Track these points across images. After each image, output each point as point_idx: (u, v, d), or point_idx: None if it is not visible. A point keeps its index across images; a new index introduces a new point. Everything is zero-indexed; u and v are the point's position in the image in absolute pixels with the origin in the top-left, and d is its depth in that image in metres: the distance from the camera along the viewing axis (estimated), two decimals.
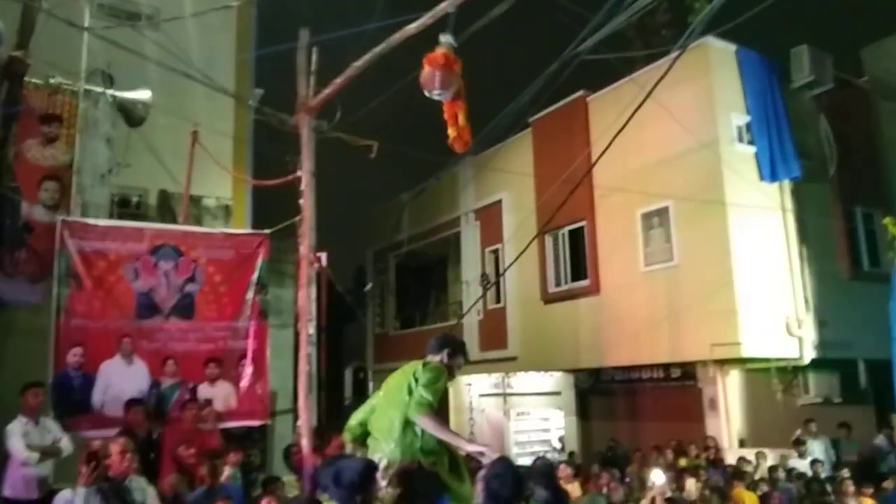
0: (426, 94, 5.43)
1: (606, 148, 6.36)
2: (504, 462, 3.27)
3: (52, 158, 7.99)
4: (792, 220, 11.01)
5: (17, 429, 6.01)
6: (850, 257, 11.77)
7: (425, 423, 3.74)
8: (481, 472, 3.19)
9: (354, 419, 4.10)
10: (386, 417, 3.85)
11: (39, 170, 7.87)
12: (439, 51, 5.35)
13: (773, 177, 10.65)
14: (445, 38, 5.41)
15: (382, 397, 4.03)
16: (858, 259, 11.89)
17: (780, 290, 10.73)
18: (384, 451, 3.74)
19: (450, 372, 4.06)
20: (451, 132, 5.62)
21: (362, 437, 4.01)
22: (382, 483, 3.55)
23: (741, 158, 10.70)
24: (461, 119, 5.59)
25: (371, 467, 3.35)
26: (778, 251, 10.88)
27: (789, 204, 11.06)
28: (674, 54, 6.24)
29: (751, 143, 10.90)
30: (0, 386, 6.90)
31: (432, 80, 5.35)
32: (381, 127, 9.71)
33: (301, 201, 6.77)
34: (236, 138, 11.14)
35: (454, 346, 4.17)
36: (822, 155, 11.69)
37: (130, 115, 8.58)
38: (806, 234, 11.12)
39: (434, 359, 4.05)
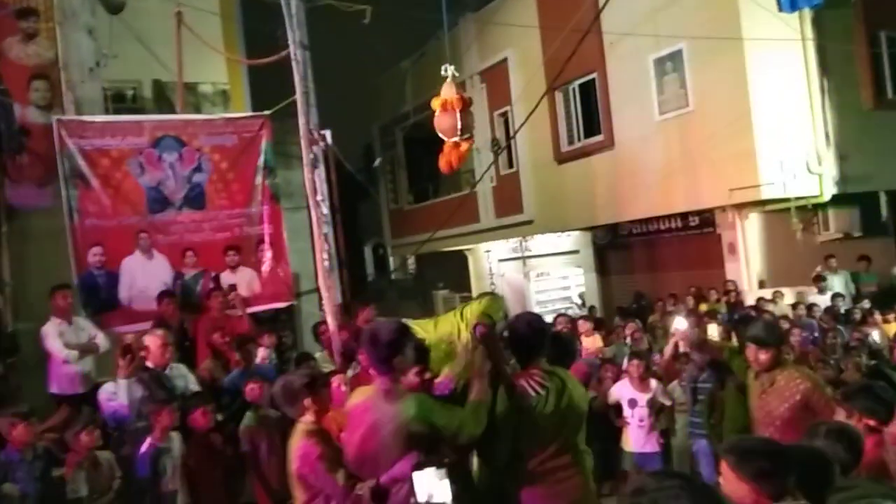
0: (444, 139, 5.13)
1: None
2: (521, 314, 3.63)
3: (36, 56, 7.67)
4: (812, 51, 10.44)
5: (52, 330, 6.16)
6: (874, 86, 11.25)
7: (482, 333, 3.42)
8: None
9: None
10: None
11: (25, 69, 7.57)
12: (451, 92, 4.96)
13: (793, 6, 9.98)
14: (450, 70, 5.04)
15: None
16: (882, 87, 11.38)
17: (799, 126, 10.38)
18: None
19: None
20: (444, 158, 5.34)
21: None
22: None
23: None
24: (464, 150, 5.30)
25: (405, 327, 3.28)
26: (798, 86, 10.42)
27: (810, 33, 10.45)
28: None
29: None
30: (27, 291, 7.05)
31: (454, 127, 5.00)
32: None
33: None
34: (223, 16, 10.60)
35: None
36: None
37: (108, 1, 8.12)
38: (827, 64, 10.58)
39: None
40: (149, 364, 5.23)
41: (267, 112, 8.16)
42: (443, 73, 5.21)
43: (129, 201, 7.34)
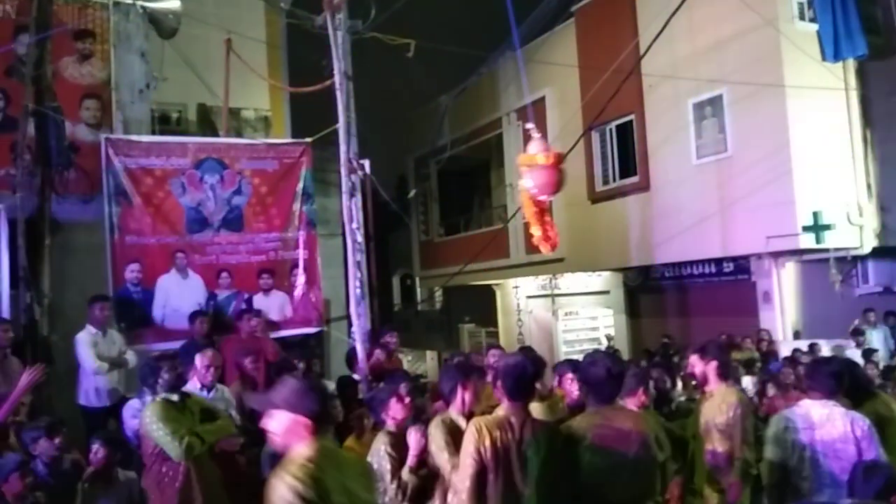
0: (540, 198, 5.11)
1: (659, 34, 5.98)
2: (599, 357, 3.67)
3: (89, 76, 7.93)
4: (856, 101, 10.35)
5: (86, 338, 6.25)
6: None
7: None
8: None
9: None
10: None
11: (79, 88, 7.83)
12: (547, 149, 5.00)
13: (837, 56, 9.94)
14: (533, 127, 5.10)
15: None
16: None
17: (840, 177, 10.24)
18: None
19: None
20: (536, 231, 5.27)
21: None
22: None
23: (802, 36, 9.99)
24: (547, 215, 5.29)
25: (541, 360, 3.69)
26: (840, 136, 10.30)
27: (853, 83, 10.37)
28: None
29: (812, 20, 10.16)
30: (64, 303, 7.17)
31: (558, 183, 5.06)
32: (417, 25, 9.33)
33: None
34: (270, 45, 10.86)
35: None
36: (890, 29, 10.85)
37: (161, 26, 8.38)
38: (870, 115, 10.47)
39: None
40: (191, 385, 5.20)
41: (308, 139, 8.28)
42: (526, 128, 5.21)
43: (168, 220, 7.45)
